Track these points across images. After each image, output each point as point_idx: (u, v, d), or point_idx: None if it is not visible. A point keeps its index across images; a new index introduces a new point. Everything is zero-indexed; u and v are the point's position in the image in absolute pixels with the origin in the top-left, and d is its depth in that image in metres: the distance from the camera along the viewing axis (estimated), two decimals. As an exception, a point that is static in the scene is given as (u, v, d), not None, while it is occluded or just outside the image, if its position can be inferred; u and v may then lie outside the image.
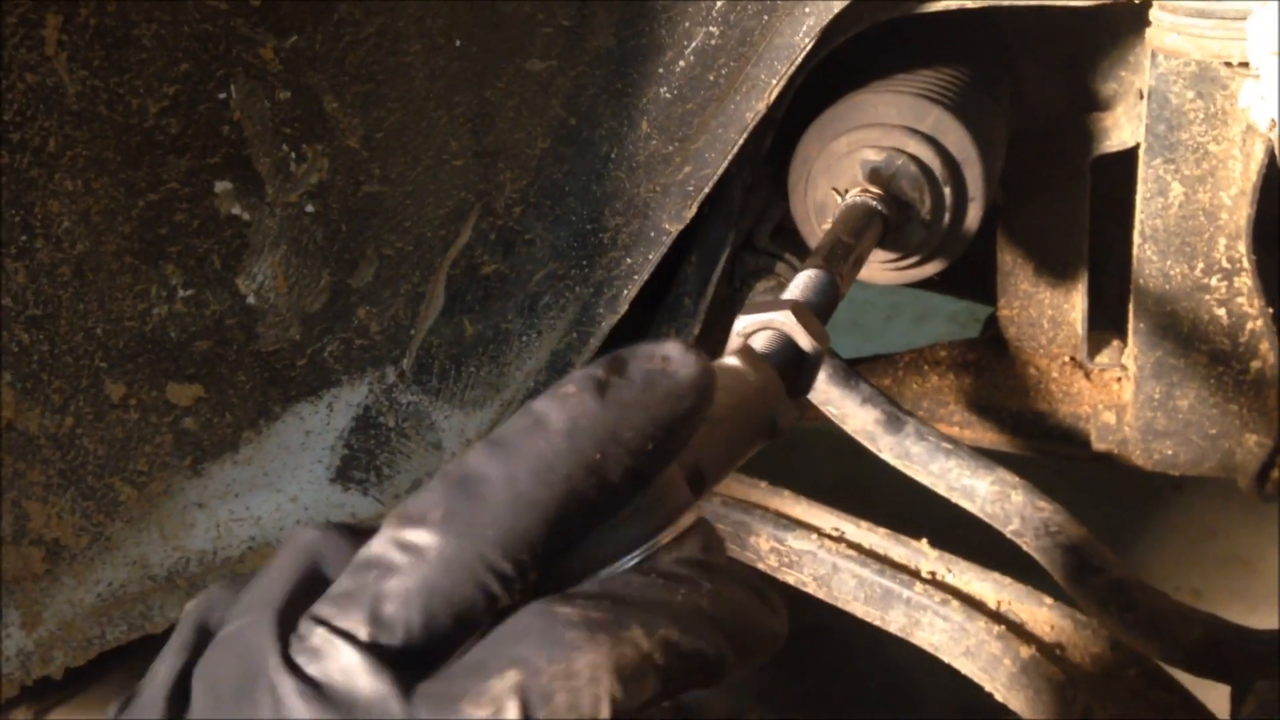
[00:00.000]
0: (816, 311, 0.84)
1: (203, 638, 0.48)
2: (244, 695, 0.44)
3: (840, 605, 1.16)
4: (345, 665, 0.44)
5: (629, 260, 1.13)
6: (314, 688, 0.43)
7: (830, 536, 1.18)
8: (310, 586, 0.48)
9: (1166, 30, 1.00)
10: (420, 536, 0.45)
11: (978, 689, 1.08)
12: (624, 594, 0.47)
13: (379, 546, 0.46)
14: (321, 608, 0.45)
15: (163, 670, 0.48)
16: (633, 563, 0.50)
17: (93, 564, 1.07)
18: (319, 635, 0.44)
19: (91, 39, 0.95)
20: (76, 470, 1.05)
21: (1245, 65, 0.93)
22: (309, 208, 1.07)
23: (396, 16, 1.04)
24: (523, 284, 1.15)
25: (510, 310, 1.15)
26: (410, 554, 0.45)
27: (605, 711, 0.44)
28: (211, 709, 0.45)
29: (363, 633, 0.44)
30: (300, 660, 0.44)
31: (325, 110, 1.05)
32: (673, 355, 0.50)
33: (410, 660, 0.44)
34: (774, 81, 1.05)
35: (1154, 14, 1.02)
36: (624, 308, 1.14)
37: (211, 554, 1.12)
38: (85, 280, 1.00)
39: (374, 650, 0.44)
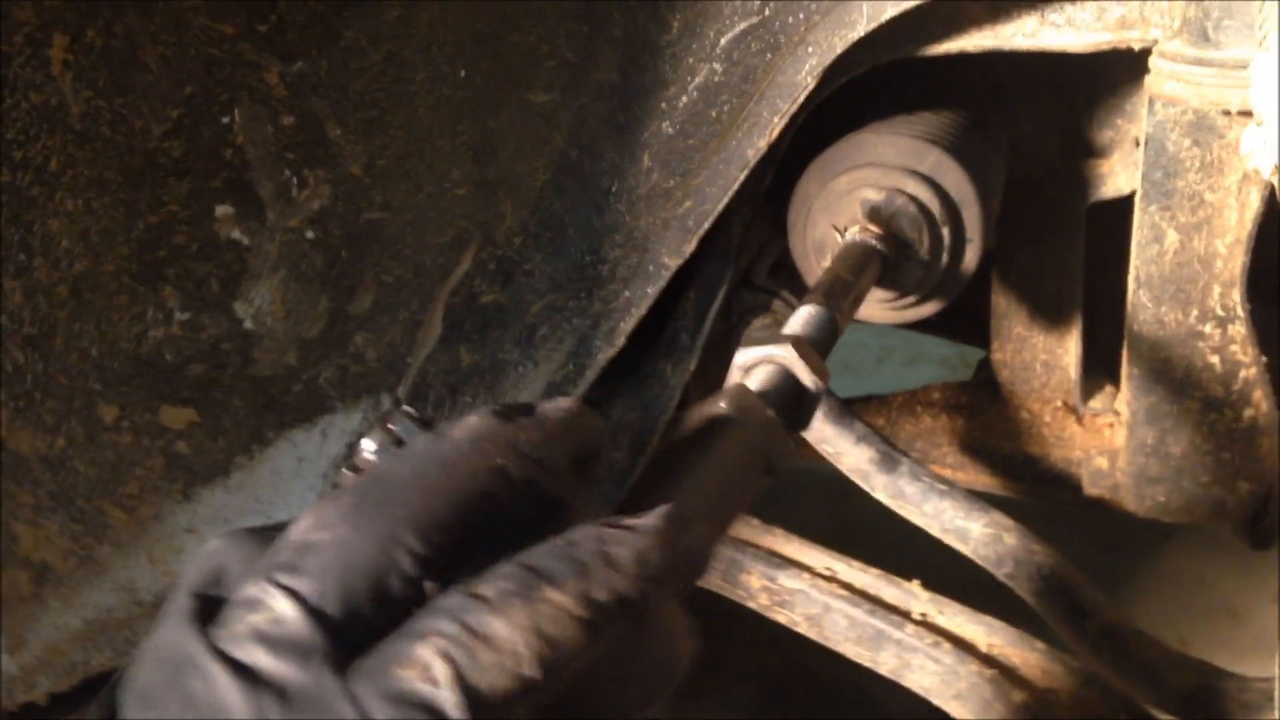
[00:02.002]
0: (816, 347, 0.84)
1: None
2: (172, 690, 0.45)
3: (831, 645, 1.16)
4: (275, 643, 0.45)
5: (627, 294, 1.13)
6: (243, 670, 0.44)
7: (822, 576, 1.18)
8: (217, 588, 0.49)
9: (1165, 77, 1.01)
10: (334, 518, 0.48)
11: (968, 733, 1.07)
12: (536, 563, 0.49)
13: (295, 533, 0.48)
14: (243, 589, 0.47)
15: (105, 694, 0.49)
16: None
17: (80, 588, 1.06)
18: (242, 621, 0.46)
19: (97, 60, 0.95)
20: (67, 492, 1.04)
21: (1245, 114, 0.94)
22: (309, 233, 1.07)
23: (402, 45, 1.04)
24: (521, 314, 1.15)
25: (508, 340, 1.15)
26: (325, 531, 0.47)
27: (531, 667, 0.46)
28: (140, 709, 0.46)
29: (287, 608, 0.45)
30: (226, 646, 0.45)
31: (328, 136, 1.05)
32: (560, 401, 0.57)
33: (337, 645, 0.45)
34: (776, 119, 1.06)
35: (1153, 61, 1.03)
36: (621, 341, 1.14)
37: (199, 580, 1.11)
38: (82, 300, 1.00)
39: (302, 625, 0.45)
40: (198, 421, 1.08)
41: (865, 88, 1.16)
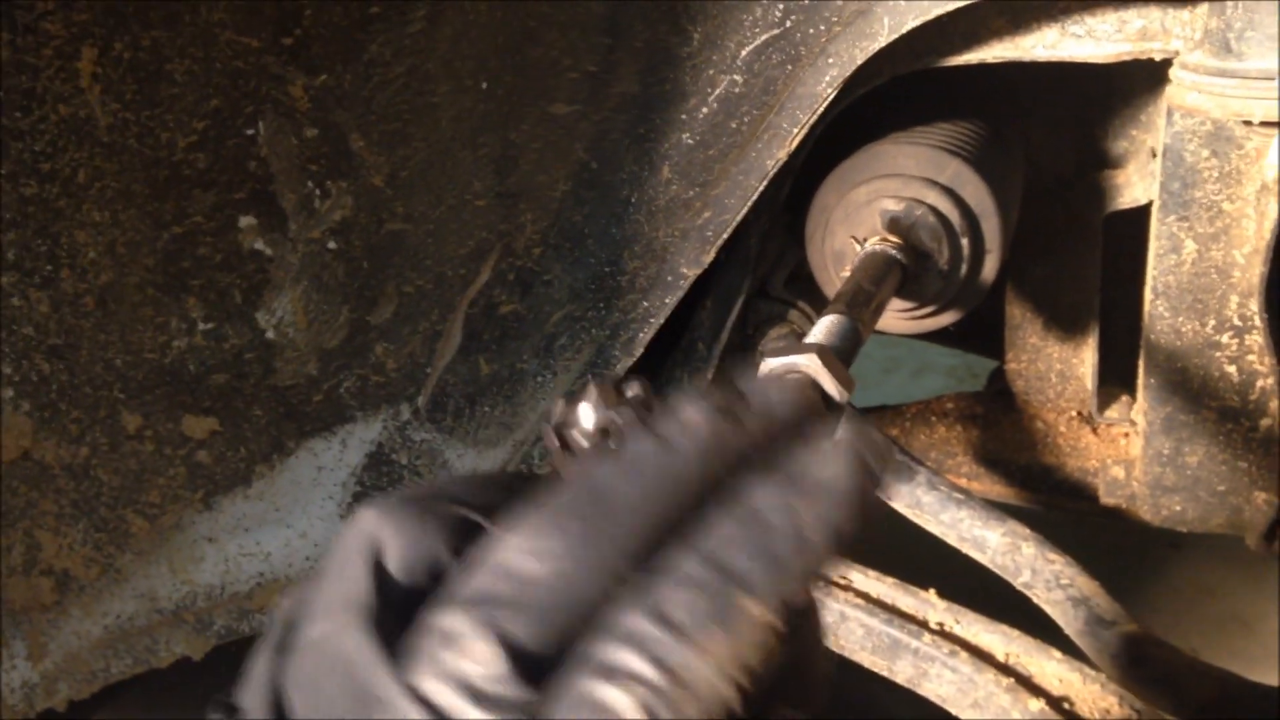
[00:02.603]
0: (840, 356, 0.84)
1: (294, 637, 0.46)
2: (357, 714, 0.41)
3: (847, 654, 1.16)
4: (478, 695, 0.40)
5: (646, 304, 1.14)
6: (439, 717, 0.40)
7: (838, 584, 1.18)
8: (383, 583, 0.44)
9: (1187, 88, 1.01)
10: (555, 547, 0.43)
11: (985, 744, 1.07)
12: (727, 561, 0.43)
13: (506, 555, 0.43)
14: (442, 617, 0.42)
15: (260, 673, 0.45)
16: None
17: (101, 596, 1.07)
18: (443, 660, 0.41)
19: (125, 73, 0.96)
20: (90, 501, 1.04)
21: (1268, 124, 0.95)
22: (331, 244, 1.08)
23: (425, 58, 1.05)
24: (540, 325, 1.16)
25: (526, 350, 1.16)
26: (544, 562, 0.42)
27: (735, 703, 0.41)
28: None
29: (492, 655, 0.41)
30: (421, 686, 0.41)
31: (351, 148, 1.05)
32: (781, 385, 0.51)
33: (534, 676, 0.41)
34: (795, 130, 1.06)
35: (1174, 72, 1.03)
36: (640, 351, 1.15)
37: (220, 589, 1.11)
38: (108, 311, 1.01)
39: (508, 677, 0.40)
40: (219, 431, 1.09)
41: (882, 99, 1.16)
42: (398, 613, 0.44)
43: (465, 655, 0.41)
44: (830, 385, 0.79)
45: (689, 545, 0.44)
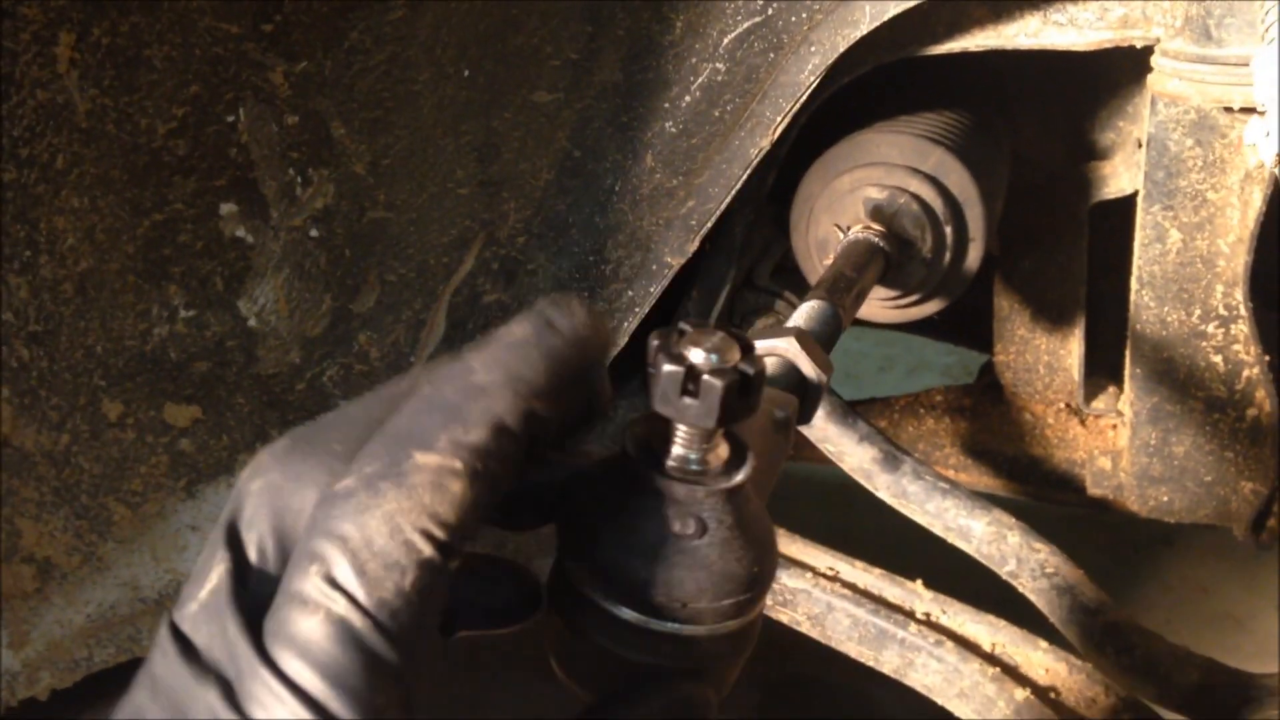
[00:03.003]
0: (820, 341, 0.84)
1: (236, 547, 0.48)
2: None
3: (834, 645, 1.15)
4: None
5: (630, 293, 1.14)
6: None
7: (825, 575, 1.18)
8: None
9: (1168, 76, 1.01)
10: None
11: (969, 735, 1.07)
12: (401, 427, 0.46)
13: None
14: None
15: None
16: None
17: (83, 584, 1.06)
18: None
19: (103, 58, 0.96)
20: (71, 489, 1.04)
21: (1247, 111, 0.95)
22: (313, 232, 1.08)
23: (406, 45, 1.05)
24: (524, 314, 1.15)
25: (511, 340, 1.15)
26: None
27: (428, 549, 0.43)
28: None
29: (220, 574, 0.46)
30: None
31: (332, 136, 1.05)
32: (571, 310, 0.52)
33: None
34: (778, 119, 1.06)
35: (1155, 60, 1.03)
36: (624, 341, 1.14)
37: (203, 578, 1.11)
38: (87, 298, 1.00)
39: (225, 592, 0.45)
40: (201, 419, 1.09)
41: (867, 88, 1.16)
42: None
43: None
44: (808, 368, 0.79)
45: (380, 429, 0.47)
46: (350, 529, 0.43)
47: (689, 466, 0.53)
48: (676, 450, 0.53)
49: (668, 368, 0.51)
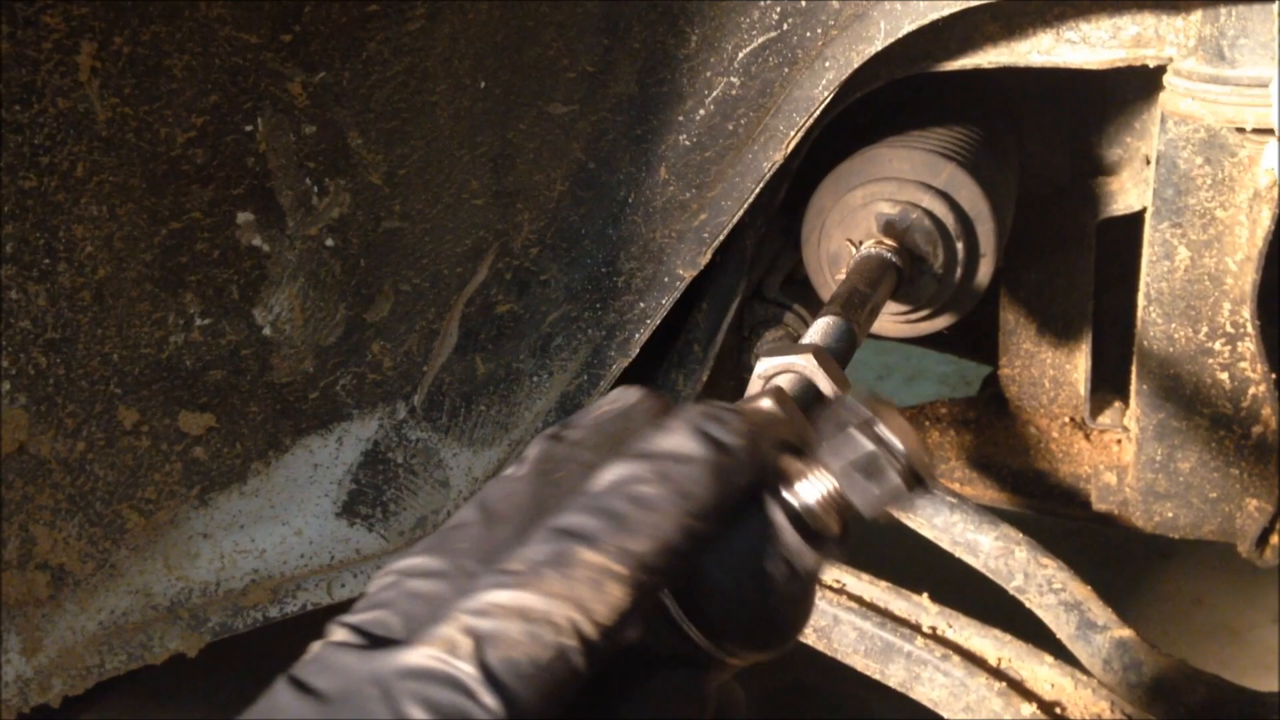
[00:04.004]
0: (835, 357, 0.85)
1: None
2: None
3: (840, 658, 1.16)
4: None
5: (642, 304, 1.14)
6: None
7: (831, 588, 1.18)
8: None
9: (1180, 95, 1.02)
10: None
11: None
12: (567, 524, 0.48)
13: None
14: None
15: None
16: None
17: (96, 591, 1.06)
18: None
19: (124, 67, 0.96)
20: (85, 496, 1.04)
21: (1260, 131, 0.95)
22: (329, 241, 1.08)
23: (424, 57, 1.05)
24: (536, 324, 1.16)
25: (523, 350, 1.16)
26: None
27: (570, 638, 0.45)
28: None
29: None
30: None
31: (349, 146, 1.06)
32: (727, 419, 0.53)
33: None
34: (792, 133, 1.07)
35: (1168, 79, 1.04)
36: (635, 351, 1.15)
37: (215, 585, 1.11)
38: (105, 306, 1.01)
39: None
40: (215, 427, 1.09)
41: (875, 102, 1.17)
42: None
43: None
44: (825, 384, 0.80)
45: (539, 523, 0.48)
46: (505, 599, 0.45)
47: (810, 521, 0.54)
48: (806, 497, 0.54)
49: (866, 444, 0.52)
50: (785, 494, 0.54)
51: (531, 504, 0.50)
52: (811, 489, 0.54)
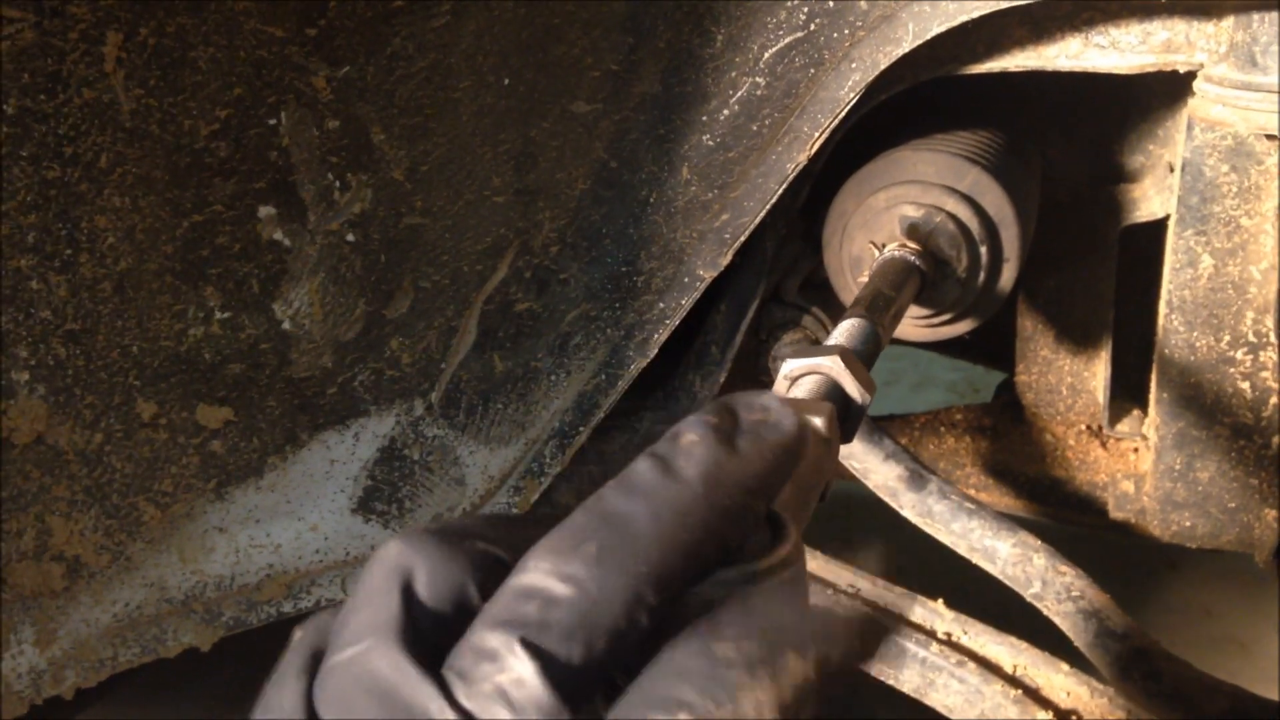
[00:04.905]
0: (860, 359, 0.84)
1: (320, 660, 0.46)
2: None
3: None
4: (519, 708, 0.42)
5: (661, 305, 1.14)
6: None
7: (846, 593, 1.18)
8: (413, 607, 0.46)
9: (1211, 101, 1.01)
10: (578, 570, 0.45)
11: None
12: (768, 622, 0.47)
13: (533, 578, 0.45)
14: (480, 637, 0.44)
15: (288, 700, 0.45)
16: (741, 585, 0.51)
17: (111, 583, 1.06)
18: (486, 678, 0.43)
19: (150, 58, 0.96)
20: (102, 487, 1.04)
21: (1292, 138, 0.95)
22: (349, 237, 1.08)
23: (448, 53, 1.05)
24: (555, 323, 1.15)
25: (541, 349, 1.15)
26: (568, 585, 0.45)
27: None
28: None
29: (531, 671, 0.42)
30: (468, 704, 0.42)
31: (372, 141, 1.05)
32: (771, 407, 0.53)
33: (574, 711, 0.43)
34: (816, 134, 1.06)
35: (1198, 85, 1.03)
36: (654, 352, 1.14)
37: (229, 580, 1.11)
38: (125, 297, 1.00)
39: (546, 692, 0.42)
40: (233, 421, 1.08)
41: (896, 104, 1.16)
42: (427, 638, 0.45)
43: (505, 673, 0.42)
44: (852, 387, 0.79)
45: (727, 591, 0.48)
46: (719, 696, 0.44)
47: None
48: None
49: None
50: None
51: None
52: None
